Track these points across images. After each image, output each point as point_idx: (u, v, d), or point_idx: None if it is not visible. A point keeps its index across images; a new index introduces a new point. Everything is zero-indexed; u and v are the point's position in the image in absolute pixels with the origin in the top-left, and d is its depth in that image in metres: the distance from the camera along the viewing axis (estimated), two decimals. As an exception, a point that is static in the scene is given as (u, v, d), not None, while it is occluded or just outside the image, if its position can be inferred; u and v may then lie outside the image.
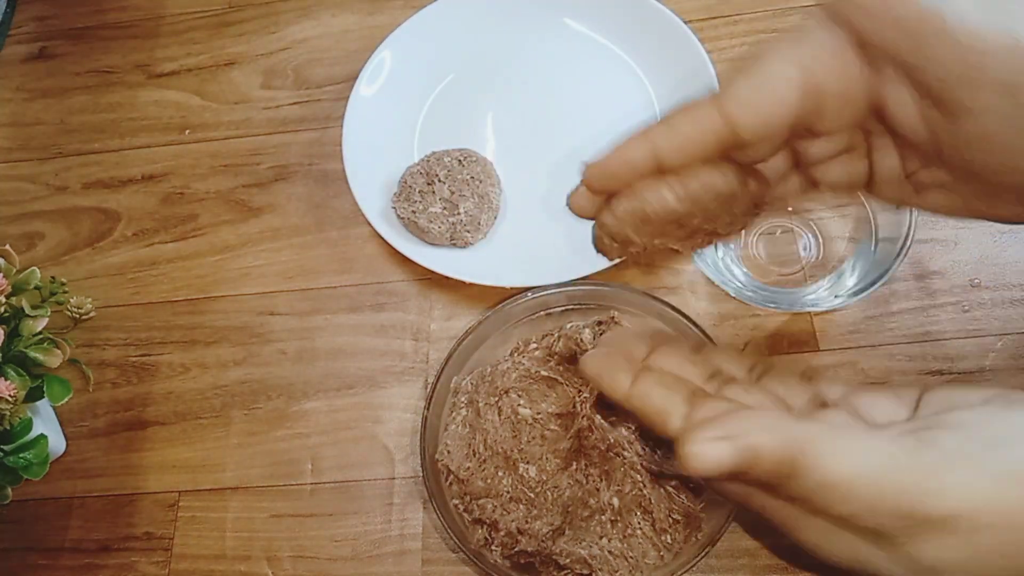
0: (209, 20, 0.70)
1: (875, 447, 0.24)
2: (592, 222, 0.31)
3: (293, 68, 0.67)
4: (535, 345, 0.51)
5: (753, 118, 0.26)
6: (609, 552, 0.45)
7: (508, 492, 0.47)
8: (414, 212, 0.55)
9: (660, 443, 0.48)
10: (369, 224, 0.57)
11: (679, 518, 0.46)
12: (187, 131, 0.66)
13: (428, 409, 0.49)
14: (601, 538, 0.46)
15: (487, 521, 0.47)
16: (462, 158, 0.57)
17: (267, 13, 0.69)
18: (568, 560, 0.45)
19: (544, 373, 0.49)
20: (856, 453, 0.24)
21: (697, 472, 0.25)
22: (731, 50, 0.61)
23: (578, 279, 0.52)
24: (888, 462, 0.24)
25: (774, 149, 0.28)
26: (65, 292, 0.50)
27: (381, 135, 0.60)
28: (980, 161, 0.25)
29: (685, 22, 0.58)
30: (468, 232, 0.55)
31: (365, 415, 0.54)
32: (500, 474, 0.47)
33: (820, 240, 0.52)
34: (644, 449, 0.47)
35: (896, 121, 0.26)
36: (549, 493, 0.47)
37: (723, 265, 0.51)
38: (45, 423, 0.52)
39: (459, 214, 0.55)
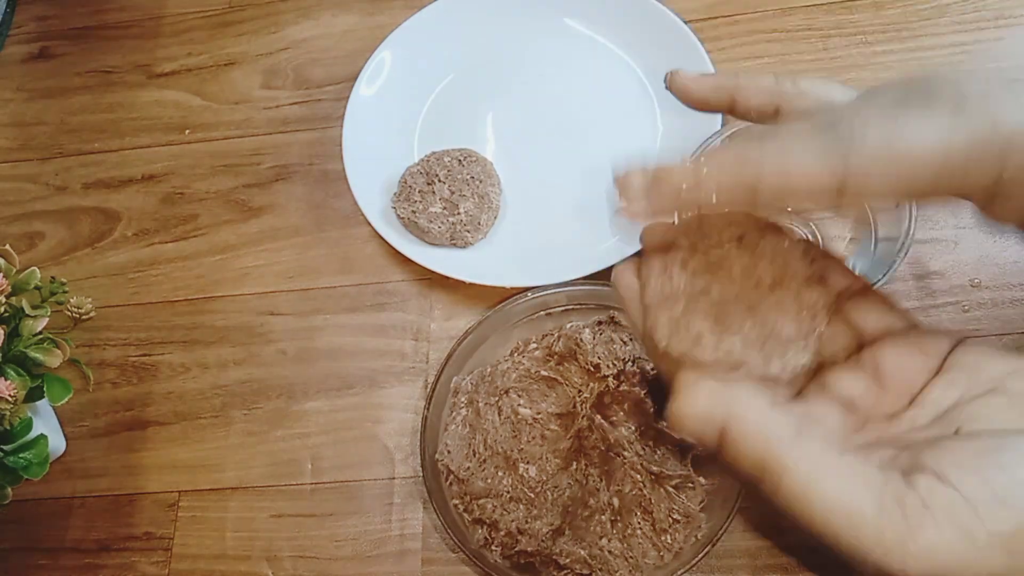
0: (209, 20, 0.70)
1: (856, 479, 0.23)
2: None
3: (293, 68, 0.67)
4: (535, 345, 0.51)
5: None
6: (609, 552, 0.45)
7: (508, 492, 0.47)
8: (414, 212, 0.55)
9: (660, 443, 0.48)
10: (369, 224, 0.57)
11: (679, 518, 0.46)
12: (187, 131, 0.66)
13: (428, 409, 0.49)
14: (601, 538, 0.46)
15: (487, 521, 0.47)
16: (462, 158, 0.57)
17: (267, 13, 0.69)
18: (568, 560, 0.45)
19: (544, 373, 0.49)
20: (833, 481, 0.23)
21: (678, 429, 0.25)
22: (731, 50, 0.61)
23: (578, 279, 0.51)
24: (866, 499, 0.23)
25: None
26: (65, 292, 0.50)
27: (381, 135, 0.60)
28: None
29: (685, 22, 0.58)
30: (468, 232, 0.55)
31: (365, 415, 0.54)
32: (500, 474, 0.47)
33: (820, 240, 0.52)
34: (644, 449, 0.47)
35: None
36: (549, 493, 0.47)
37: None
38: (45, 423, 0.52)
39: (459, 214, 0.55)
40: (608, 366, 0.48)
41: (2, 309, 0.46)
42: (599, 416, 0.47)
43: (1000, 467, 0.23)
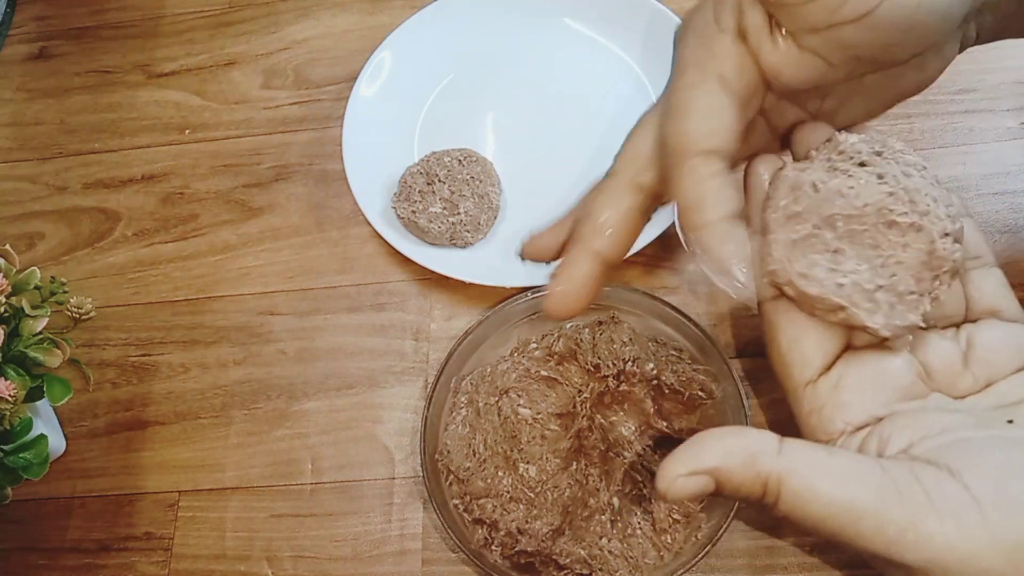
0: (209, 20, 0.70)
1: (851, 474, 0.23)
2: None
3: (293, 68, 0.67)
4: (535, 345, 0.51)
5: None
6: (609, 552, 0.46)
7: (508, 492, 0.47)
8: (414, 212, 0.55)
9: (660, 443, 0.48)
10: (369, 224, 0.57)
11: (679, 518, 0.46)
12: (187, 131, 0.66)
13: (428, 409, 0.49)
14: (601, 538, 0.46)
15: (487, 521, 0.47)
16: (462, 158, 0.57)
17: (267, 13, 0.69)
18: (568, 560, 0.45)
19: (544, 373, 0.49)
20: (828, 479, 0.23)
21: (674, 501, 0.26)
22: (731, 50, 0.61)
23: (578, 279, 0.51)
24: (863, 492, 0.23)
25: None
26: (65, 292, 0.50)
27: (381, 135, 0.60)
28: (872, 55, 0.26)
29: (685, 22, 0.58)
30: (468, 232, 0.55)
31: (365, 415, 0.54)
32: (500, 474, 0.47)
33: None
34: (644, 449, 0.47)
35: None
36: (549, 493, 0.47)
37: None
38: (45, 423, 0.52)
39: (459, 214, 0.55)
40: (608, 366, 0.48)
41: (2, 309, 0.46)
42: (599, 416, 0.47)
43: (1021, 476, 0.23)
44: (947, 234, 0.26)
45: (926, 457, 0.24)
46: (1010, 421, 0.25)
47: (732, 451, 0.24)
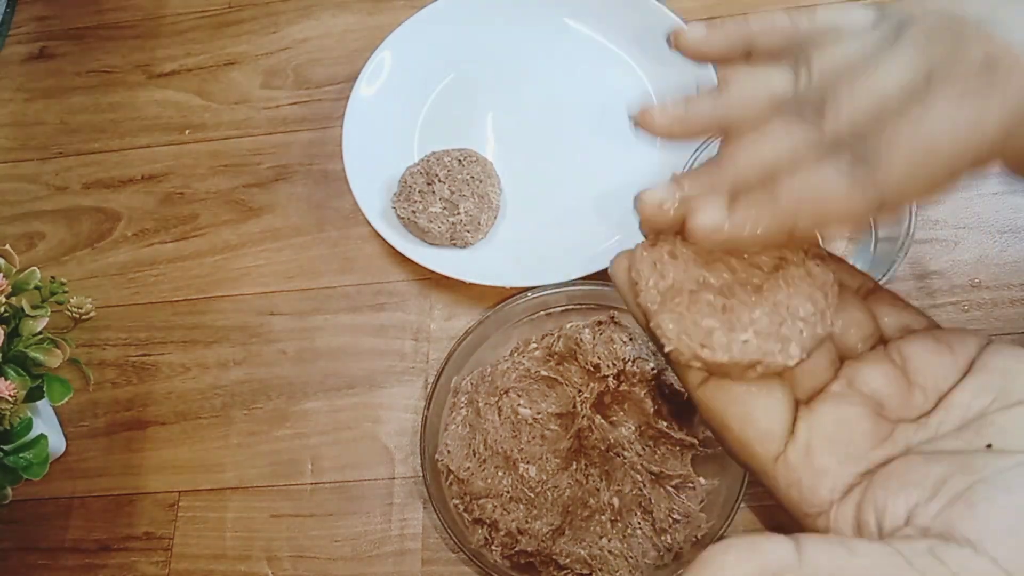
0: (209, 20, 0.70)
1: (877, 572, 0.22)
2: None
3: (293, 68, 0.67)
4: (535, 345, 0.51)
5: None
6: (609, 552, 0.46)
7: (508, 492, 0.47)
8: (414, 212, 0.55)
9: (660, 443, 0.48)
10: (369, 224, 0.57)
11: (679, 518, 0.46)
12: (187, 131, 0.66)
13: (428, 409, 0.49)
14: (601, 538, 0.46)
15: (487, 521, 0.47)
16: (462, 158, 0.57)
17: (267, 13, 0.69)
18: (568, 560, 0.45)
19: (544, 373, 0.49)
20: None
21: None
22: (731, 50, 0.61)
23: (578, 279, 0.52)
24: None
25: None
26: (65, 292, 0.50)
27: (381, 135, 0.60)
28: None
29: (685, 22, 0.58)
30: (468, 232, 0.55)
31: (365, 415, 0.54)
32: (500, 474, 0.47)
33: (819, 240, 0.52)
34: (644, 449, 0.47)
35: None
36: (549, 493, 0.47)
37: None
38: (45, 423, 0.52)
39: (459, 214, 0.55)
40: (608, 366, 0.48)
41: (2, 309, 0.46)
42: (599, 416, 0.47)
43: None
44: (805, 252, 0.27)
45: (938, 530, 0.22)
46: (989, 446, 0.24)
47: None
